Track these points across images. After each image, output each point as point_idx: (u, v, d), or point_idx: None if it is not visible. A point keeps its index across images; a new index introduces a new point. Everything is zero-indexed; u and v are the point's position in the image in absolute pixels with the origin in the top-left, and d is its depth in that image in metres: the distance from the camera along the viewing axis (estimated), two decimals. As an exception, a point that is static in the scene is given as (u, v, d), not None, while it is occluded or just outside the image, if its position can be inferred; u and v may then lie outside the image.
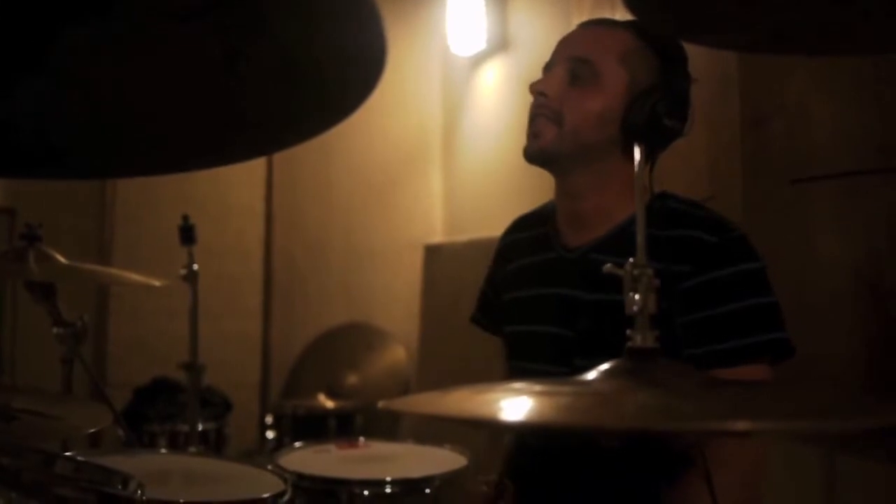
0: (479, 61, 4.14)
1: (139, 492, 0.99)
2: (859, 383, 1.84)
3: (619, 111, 1.45)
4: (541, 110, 1.49)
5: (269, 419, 3.59)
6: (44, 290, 1.79)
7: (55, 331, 1.80)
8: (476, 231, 3.90)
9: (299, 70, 0.71)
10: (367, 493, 1.70)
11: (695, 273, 1.37)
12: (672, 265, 1.35)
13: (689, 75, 1.48)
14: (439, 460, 1.82)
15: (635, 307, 0.78)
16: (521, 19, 3.83)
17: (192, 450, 2.38)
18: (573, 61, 1.49)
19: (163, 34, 0.68)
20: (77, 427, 1.33)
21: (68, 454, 1.36)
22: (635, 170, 1.49)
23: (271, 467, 1.68)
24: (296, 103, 0.76)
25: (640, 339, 0.77)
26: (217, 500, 1.50)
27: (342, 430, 3.41)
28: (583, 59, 1.48)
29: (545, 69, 1.54)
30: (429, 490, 1.72)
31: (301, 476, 1.69)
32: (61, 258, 1.81)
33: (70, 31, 0.67)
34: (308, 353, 4.26)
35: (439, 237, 4.44)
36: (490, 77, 4.08)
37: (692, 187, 2.24)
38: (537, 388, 0.77)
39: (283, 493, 1.48)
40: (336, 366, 4.08)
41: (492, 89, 4.06)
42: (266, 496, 1.46)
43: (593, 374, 0.78)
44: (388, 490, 1.71)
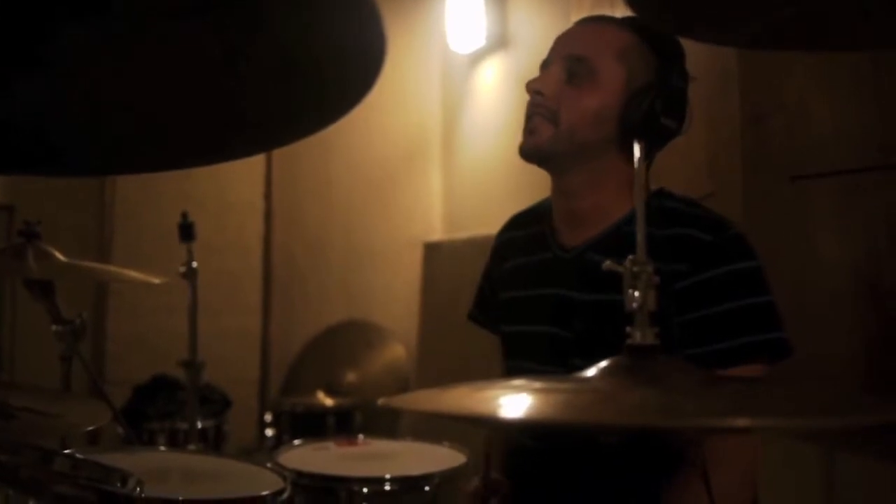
0: (478, 59, 4.13)
1: (138, 489, 0.99)
2: (859, 382, 1.83)
3: (616, 109, 1.44)
4: (537, 109, 1.48)
5: (269, 417, 3.59)
6: (42, 287, 1.79)
7: (54, 328, 1.80)
8: (475, 229, 3.89)
9: (298, 67, 0.71)
10: (366, 490, 1.70)
11: (691, 272, 1.37)
12: (668, 264, 1.34)
13: (687, 73, 1.47)
14: (438, 458, 1.82)
15: (635, 304, 0.78)
16: (520, 17, 3.82)
17: (192, 447, 2.38)
18: (570, 59, 1.48)
19: (162, 32, 0.68)
20: (76, 424, 1.33)
21: (67, 452, 1.36)
22: (635, 167, 1.49)
23: (270, 465, 1.69)
24: (295, 100, 0.76)
25: (639, 335, 0.77)
26: (216, 498, 1.50)
27: (341, 427, 3.40)
28: (579, 58, 1.46)
29: (542, 67, 1.53)
30: (428, 488, 1.72)
31: (300, 474, 1.69)
32: (60, 255, 1.81)
33: (69, 30, 0.67)
34: (307, 351, 4.26)
35: (439, 235, 4.43)
36: (489, 74, 4.08)
37: (692, 184, 2.24)
38: (537, 385, 0.77)
39: (282, 491, 1.48)
40: (335, 363, 4.07)
41: (491, 87, 4.05)
42: (265, 494, 1.46)
43: (593, 372, 0.78)
44: (387, 488, 1.71)
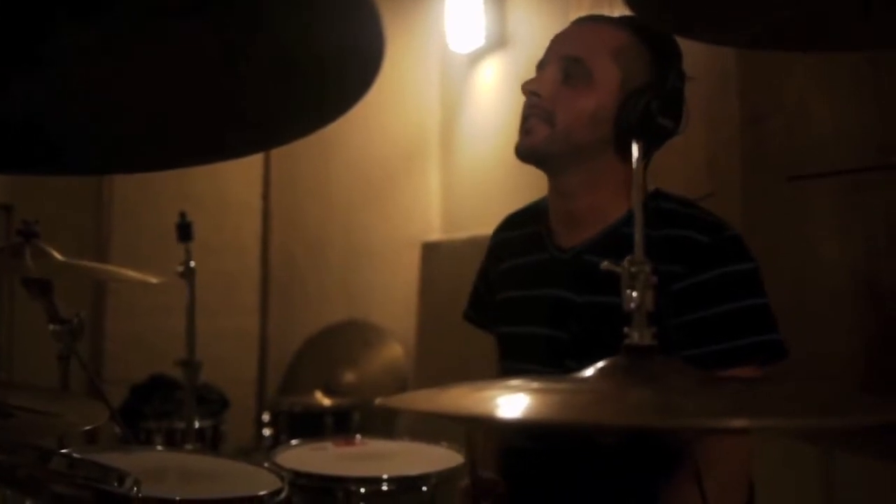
0: (477, 58, 4.13)
1: (135, 489, 0.99)
2: (858, 382, 1.83)
3: (612, 110, 1.44)
4: (533, 110, 1.47)
5: (266, 417, 3.59)
6: (40, 286, 1.78)
7: (52, 327, 1.79)
8: (474, 229, 3.89)
9: (298, 67, 0.71)
10: (363, 490, 1.70)
11: (687, 274, 1.36)
12: (664, 265, 1.33)
13: (684, 73, 1.47)
14: (436, 458, 1.82)
15: (633, 304, 0.78)
16: (519, 16, 3.82)
17: (189, 447, 2.38)
18: (566, 60, 1.47)
19: (162, 32, 0.68)
20: (73, 424, 1.32)
21: (64, 451, 1.36)
22: (633, 167, 1.49)
23: (268, 465, 1.68)
24: (294, 99, 0.76)
25: (637, 336, 0.77)
26: (213, 498, 1.50)
27: (339, 427, 3.40)
28: (575, 58, 1.46)
29: (538, 67, 1.52)
30: (425, 488, 1.72)
31: (298, 474, 1.69)
32: (58, 255, 1.81)
33: (69, 30, 0.67)
34: (305, 351, 4.25)
35: (437, 235, 4.43)
36: (488, 74, 4.07)
37: (691, 184, 2.24)
38: (534, 385, 0.77)
39: (279, 491, 1.48)
40: (333, 363, 4.07)
41: (490, 86, 4.05)
42: (263, 494, 1.46)
43: (591, 372, 0.77)
44: (384, 488, 1.71)
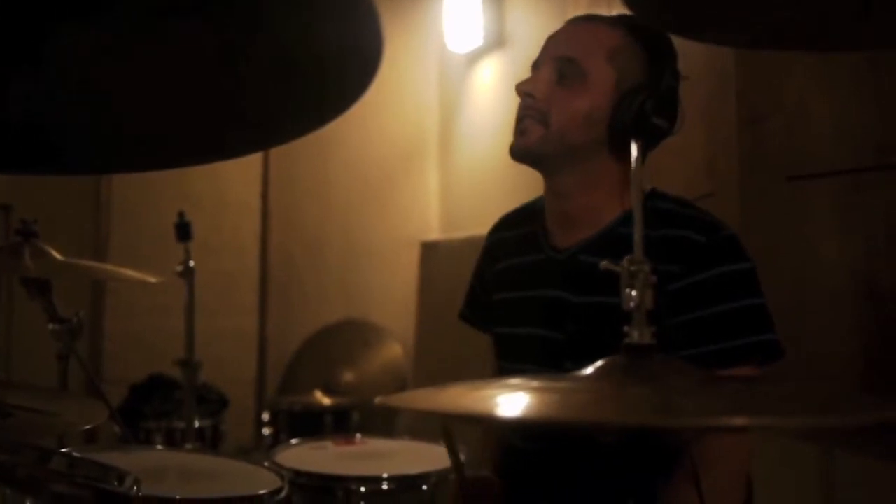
0: (475, 58, 4.13)
1: (135, 488, 0.99)
2: (857, 381, 1.84)
3: (606, 110, 1.43)
4: (528, 111, 1.47)
5: (266, 416, 3.59)
6: (39, 286, 1.78)
7: (51, 327, 1.79)
8: (473, 228, 3.89)
9: (297, 66, 0.71)
10: (363, 489, 1.70)
11: (684, 274, 1.36)
12: (661, 265, 1.33)
13: (679, 72, 1.46)
14: (436, 457, 1.82)
15: (632, 304, 0.78)
16: (517, 16, 3.82)
17: (189, 446, 2.38)
18: (560, 61, 1.47)
19: (161, 32, 0.68)
20: (73, 423, 1.33)
21: (64, 450, 1.36)
22: (630, 167, 1.49)
23: (268, 464, 1.68)
24: (293, 99, 0.76)
25: (637, 335, 0.77)
26: (213, 497, 1.50)
27: (338, 426, 3.40)
28: (569, 59, 1.46)
29: (533, 67, 1.52)
30: (425, 487, 1.72)
31: (298, 473, 1.69)
32: (57, 254, 1.81)
33: (68, 29, 0.67)
34: (304, 350, 4.25)
35: (436, 234, 4.43)
36: (487, 74, 4.07)
37: (690, 185, 2.24)
38: (534, 384, 0.77)
39: (279, 490, 1.48)
40: (332, 363, 4.07)
41: (488, 86, 4.05)
42: (262, 493, 1.46)
43: (590, 371, 0.78)
44: (384, 487, 1.71)
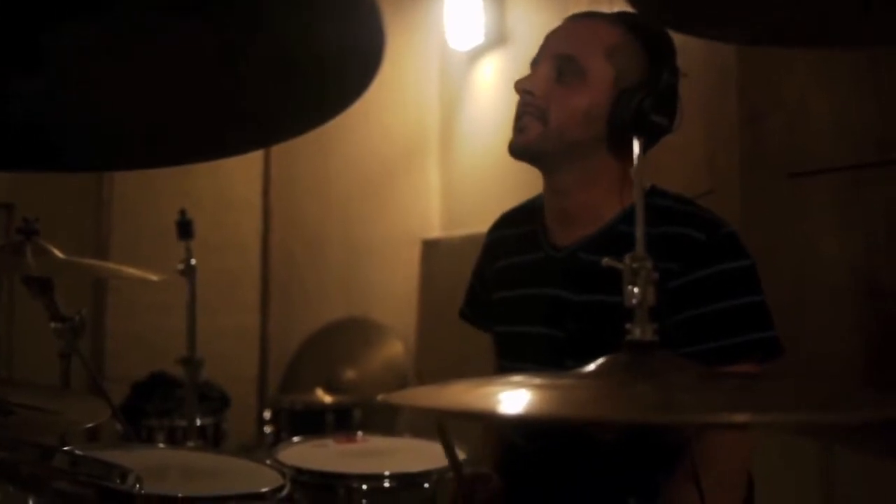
0: (476, 56, 4.13)
1: (137, 486, 0.99)
2: (858, 378, 1.84)
3: (605, 108, 1.43)
4: (527, 108, 1.47)
5: (267, 414, 3.59)
6: (41, 284, 1.78)
7: (53, 325, 1.79)
8: (474, 226, 3.88)
9: (297, 65, 0.71)
10: (365, 487, 1.70)
11: (683, 271, 1.36)
12: (661, 263, 1.33)
13: (678, 69, 1.46)
14: (437, 455, 1.82)
15: (634, 300, 0.78)
16: (518, 14, 3.82)
17: (191, 445, 2.38)
18: (559, 58, 1.47)
19: (161, 31, 0.68)
20: (75, 422, 1.33)
21: (66, 448, 1.36)
22: (630, 164, 1.48)
23: (270, 462, 1.69)
24: (294, 97, 0.76)
25: (639, 332, 0.77)
26: (216, 495, 1.50)
27: (340, 424, 3.40)
28: (568, 56, 1.45)
29: (532, 64, 1.52)
30: (427, 484, 1.72)
31: (300, 470, 1.69)
32: (59, 253, 1.81)
33: (68, 27, 0.67)
34: (306, 348, 4.25)
35: (437, 232, 4.43)
36: (488, 71, 4.07)
37: (690, 182, 2.24)
38: (536, 381, 0.77)
39: (281, 488, 1.48)
40: (334, 360, 4.07)
41: (489, 84, 4.05)
42: (265, 490, 1.47)
43: (592, 368, 0.78)
44: (386, 484, 1.71)
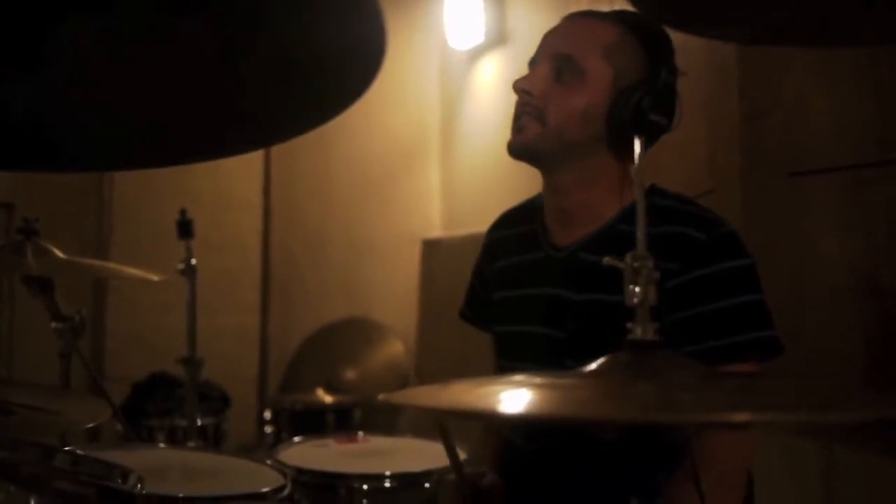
0: (477, 55, 4.13)
1: (139, 486, 0.99)
2: (858, 378, 1.84)
3: (604, 107, 1.43)
4: (525, 108, 1.47)
5: (268, 414, 3.59)
6: (41, 284, 1.78)
7: (53, 325, 1.79)
8: (474, 226, 3.87)
9: (298, 64, 0.71)
10: (366, 487, 1.70)
11: (683, 271, 1.36)
12: (660, 262, 1.33)
13: (676, 68, 1.45)
14: (438, 454, 1.82)
15: (636, 300, 0.78)
16: (519, 13, 3.82)
17: (191, 445, 2.38)
18: (557, 58, 1.46)
19: (162, 31, 0.68)
20: (75, 422, 1.33)
21: (68, 448, 1.36)
22: (629, 164, 1.48)
23: (270, 462, 1.69)
24: (294, 97, 0.76)
25: (640, 331, 0.77)
26: (216, 495, 1.50)
27: (341, 424, 3.40)
28: (567, 56, 1.45)
29: (530, 64, 1.52)
30: (428, 484, 1.72)
31: (300, 470, 1.69)
32: (59, 252, 1.81)
33: (69, 27, 0.67)
34: (306, 348, 4.25)
35: (438, 232, 4.43)
36: (488, 71, 4.07)
37: (691, 181, 2.24)
38: (537, 380, 0.77)
39: (282, 488, 1.48)
40: (334, 360, 4.07)
41: (490, 83, 4.05)
42: (266, 490, 1.47)
43: (593, 367, 0.78)
44: (387, 484, 1.71)
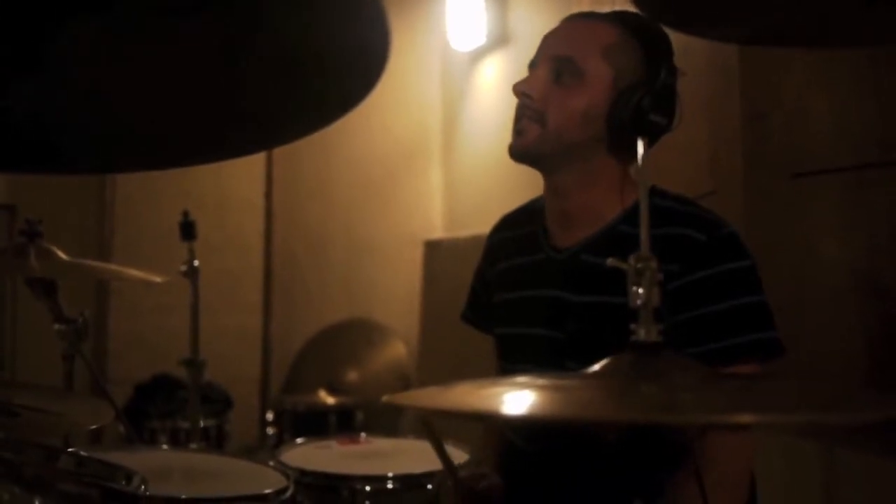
0: (478, 56, 4.13)
1: (143, 487, 0.99)
2: (860, 379, 1.83)
3: (604, 108, 1.43)
4: (525, 111, 1.47)
5: (270, 415, 3.59)
6: (44, 286, 1.79)
7: (56, 327, 1.79)
8: (476, 227, 3.88)
9: (300, 66, 0.71)
10: (368, 488, 1.70)
11: (684, 272, 1.36)
12: (661, 264, 1.33)
13: (676, 68, 1.45)
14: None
15: (639, 301, 0.78)
16: (520, 14, 3.82)
17: (194, 446, 2.38)
18: (557, 60, 1.46)
19: (162, 31, 0.68)
20: (78, 423, 1.33)
21: (72, 450, 1.37)
22: (631, 165, 1.48)
23: (273, 463, 1.69)
24: (296, 99, 0.75)
25: (643, 332, 0.77)
26: (219, 497, 1.50)
27: (343, 426, 3.40)
28: (566, 58, 1.45)
29: (530, 66, 1.52)
30: (430, 486, 1.72)
31: (303, 472, 1.69)
32: (62, 254, 1.81)
33: (69, 27, 0.67)
34: (308, 349, 4.26)
35: (439, 233, 4.43)
36: (490, 72, 4.07)
37: (693, 182, 2.24)
38: (540, 382, 0.77)
39: (285, 489, 1.48)
40: (336, 362, 4.08)
41: (491, 84, 4.05)
42: (268, 492, 1.47)
43: (596, 368, 0.78)
44: (389, 486, 1.71)
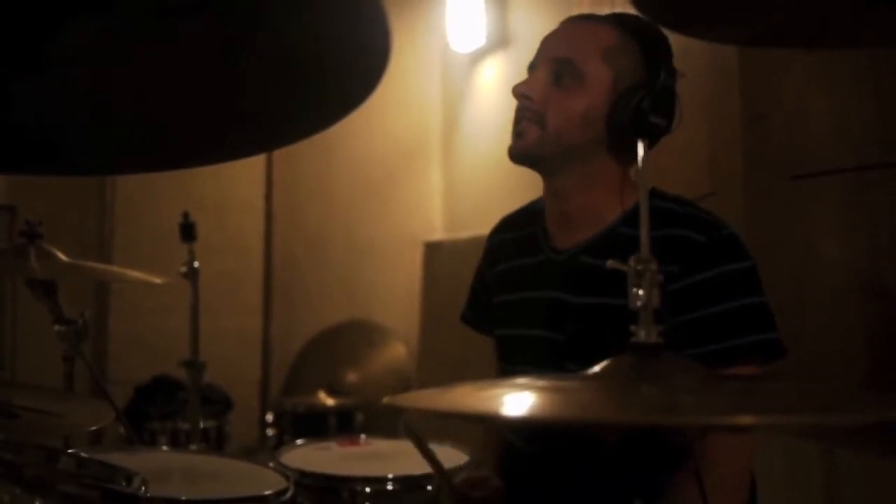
0: (478, 58, 4.13)
1: (143, 488, 0.99)
2: (861, 380, 1.83)
3: (603, 110, 1.43)
4: (524, 113, 1.47)
5: (270, 417, 3.59)
6: (45, 287, 1.79)
7: (56, 328, 1.80)
8: (476, 228, 3.88)
9: (300, 64, 0.71)
10: (368, 490, 1.70)
11: (684, 274, 1.36)
12: (661, 266, 1.33)
13: (675, 70, 1.45)
14: (440, 457, 1.82)
15: (639, 303, 0.78)
16: (520, 16, 3.82)
17: (194, 447, 2.38)
18: (556, 62, 1.46)
19: (163, 32, 0.68)
20: (79, 424, 1.33)
21: (72, 451, 1.37)
22: (632, 166, 1.49)
23: (273, 465, 1.69)
24: (296, 100, 0.75)
25: (643, 334, 0.77)
26: (219, 498, 1.50)
27: (343, 427, 3.40)
28: (565, 60, 1.45)
29: (529, 68, 1.52)
30: (430, 487, 1.72)
31: (303, 473, 1.69)
32: (62, 255, 1.81)
33: (70, 28, 0.67)
34: (308, 351, 4.26)
35: (439, 234, 4.43)
36: (490, 74, 4.07)
37: (693, 184, 2.24)
38: (540, 383, 0.77)
39: (285, 491, 1.49)
40: (336, 363, 4.08)
41: (491, 86, 4.05)
42: (268, 493, 1.47)
43: (597, 370, 0.78)
44: (389, 487, 1.71)
